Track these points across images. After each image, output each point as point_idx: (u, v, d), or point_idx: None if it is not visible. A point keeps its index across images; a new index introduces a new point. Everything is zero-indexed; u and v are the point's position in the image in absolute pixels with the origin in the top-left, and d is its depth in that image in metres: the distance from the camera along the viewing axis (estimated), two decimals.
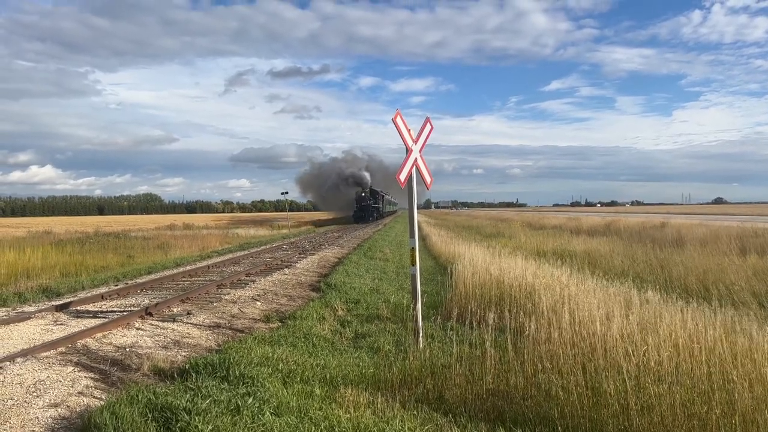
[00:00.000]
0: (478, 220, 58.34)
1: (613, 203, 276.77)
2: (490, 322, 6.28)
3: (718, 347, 4.97)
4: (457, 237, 27.83)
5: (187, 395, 5.01)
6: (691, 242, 19.56)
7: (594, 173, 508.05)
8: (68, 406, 5.17)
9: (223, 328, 8.92)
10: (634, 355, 4.96)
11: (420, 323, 7.53)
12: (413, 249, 7.80)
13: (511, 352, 5.79)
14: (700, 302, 6.93)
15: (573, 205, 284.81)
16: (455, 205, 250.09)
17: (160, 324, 8.78)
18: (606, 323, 5.72)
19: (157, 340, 7.86)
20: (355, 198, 65.81)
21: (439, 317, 8.02)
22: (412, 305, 7.72)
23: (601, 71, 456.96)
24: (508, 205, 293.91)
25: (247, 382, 5.64)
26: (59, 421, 4.84)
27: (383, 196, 75.82)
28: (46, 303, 10.72)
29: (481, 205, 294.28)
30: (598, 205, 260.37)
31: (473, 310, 7.63)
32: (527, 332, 5.95)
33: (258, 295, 11.72)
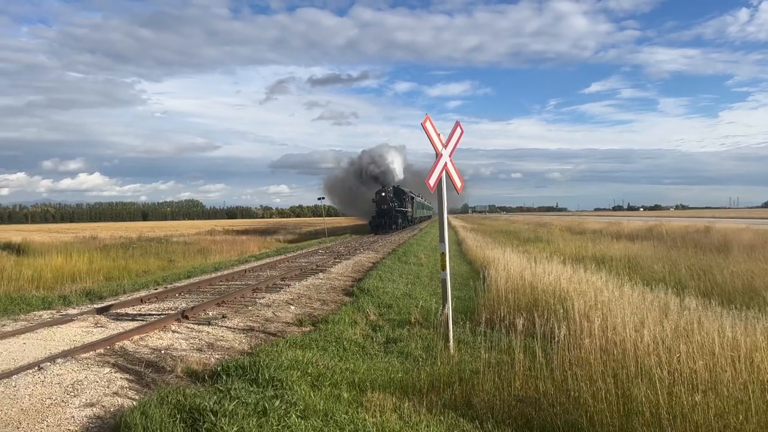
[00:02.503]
0: (517, 225, 57.63)
1: (656, 207, 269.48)
2: (520, 327, 6.20)
3: (757, 356, 4.80)
4: (494, 242, 27.55)
5: (215, 397, 5.10)
6: (737, 247, 18.89)
7: (637, 176, 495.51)
8: (103, 406, 5.32)
9: (257, 331, 9.04)
10: (666, 363, 4.82)
11: (450, 328, 7.49)
12: (443, 254, 7.77)
13: (541, 358, 5.71)
14: (743, 310, 6.70)
15: (615, 209, 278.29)
16: (492, 209, 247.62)
17: (196, 327, 8.95)
18: (640, 329, 5.59)
19: (191, 343, 8.02)
20: (374, 199, 48.48)
21: (468, 322, 7.95)
22: (441, 310, 7.68)
23: (643, 72, 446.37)
24: (548, 209, 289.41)
25: (276, 385, 5.70)
26: (94, 420, 4.99)
27: (413, 197, 61.09)
28: (89, 306, 11.06)
29: (520, 209, 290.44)
30: (641, 209, 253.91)
31: (503, 315, 7.54)
32: (557, 338, 5.85)
33: (292, 299, 11.84)
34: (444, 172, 7.82)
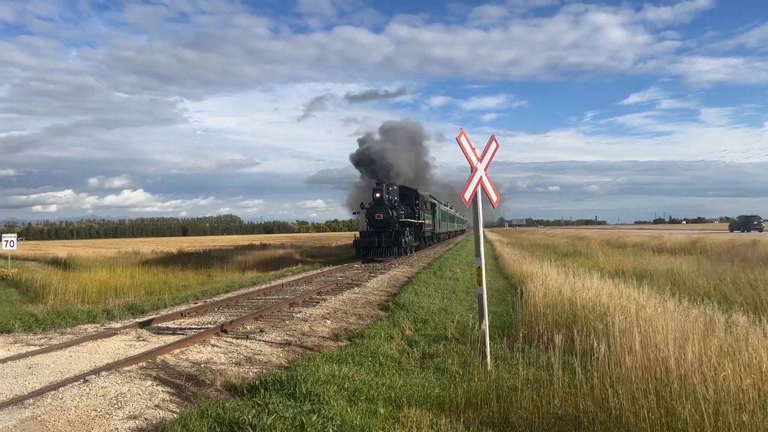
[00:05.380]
0: (554, 239, 56.64)
1: (700, 220, 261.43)
2: (559, 343, 6.11)
3: None
4: (531, 256, 27.19)
5: (254, 411, 5.16)
6: None
7: (678, 189, 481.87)
8: (145, 419, 5.45)
9: (294, 345, 9.12)
10: (712, 381, 4.68)
11: (487, 344, 7.42)
12: (479, 268, 7.73)
13: (580, 375, 5.61)
14: None
15: (656, 222, 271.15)
16: (530, 223, 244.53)
17: (234, 341, 9.09)
18: (684, 346, 5.45)
19: (230, 357, 8.14)
20: (365, 205, 29.45)
21: (505, 338, 7.87)
22: (478, 326, 7.62)
23: (683, 83, 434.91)
24: (587, 222, 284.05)
25: (313, 400, 5.73)
26: None
27: (435, 204, 43.28)
28: (131, 320, 11.34)
29: (558, 222, 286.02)
30: (684, 222, 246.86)
31: (542, 331, 7.44)
32: (597, 355, 5.75)
33: (328, 314, 11.91)
34: (479, 186, 7.80)
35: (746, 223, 60.84)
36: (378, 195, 28.19)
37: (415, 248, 33.36)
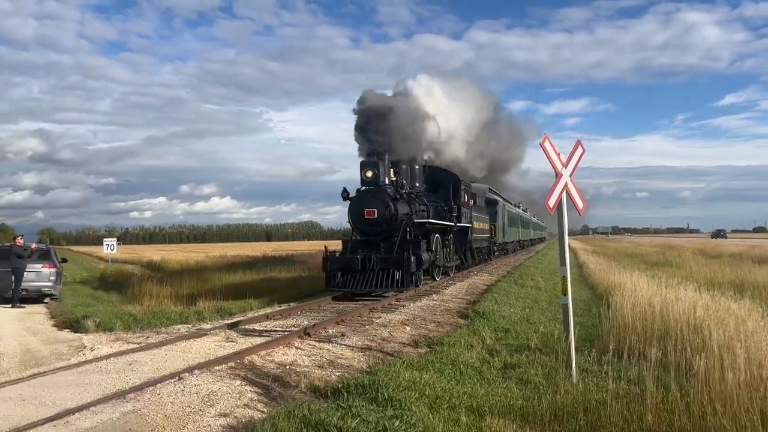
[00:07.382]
0: (643, 247, 54.01)
1: None
2: (652, 358, 5.84)
3: None
4: (618, 265, 26.10)
5: (338, 413, 5.26)
6: None
7: None
8: (235, 417, 5.67)
9: (374, 350, 9.20)
10: None
11: (573, 356, 7.20)
12: (564, 278, 7.52)
13: (675, 391, 5.33)
14: None
15: (756, 230, 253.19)
16: (616, 231, 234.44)
17: (317, 344, 9.29)
18: None
19: (313, 360, 8.33)
20: (349, 193, 16.10)
21: (593, 351, 7.60)
22: (564, 337, 7.41)
23: None
24: (678, 230, 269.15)
25: (395, 405, 5.76)
26: (228, 430, 5.33)
27: (493, 201, 31.02)
28: (220, 321, 11.85)
29: (647, 230, 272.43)
30: None
31: (632, 344, 7.13)
32: (694, 371, 5.45)
33: (407, 320, 11.94)
34: (564, 192, 7.60)
35: (718, 234, 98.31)
36: (370, 174, 15.53)
37: (456, 267, 21.71)
